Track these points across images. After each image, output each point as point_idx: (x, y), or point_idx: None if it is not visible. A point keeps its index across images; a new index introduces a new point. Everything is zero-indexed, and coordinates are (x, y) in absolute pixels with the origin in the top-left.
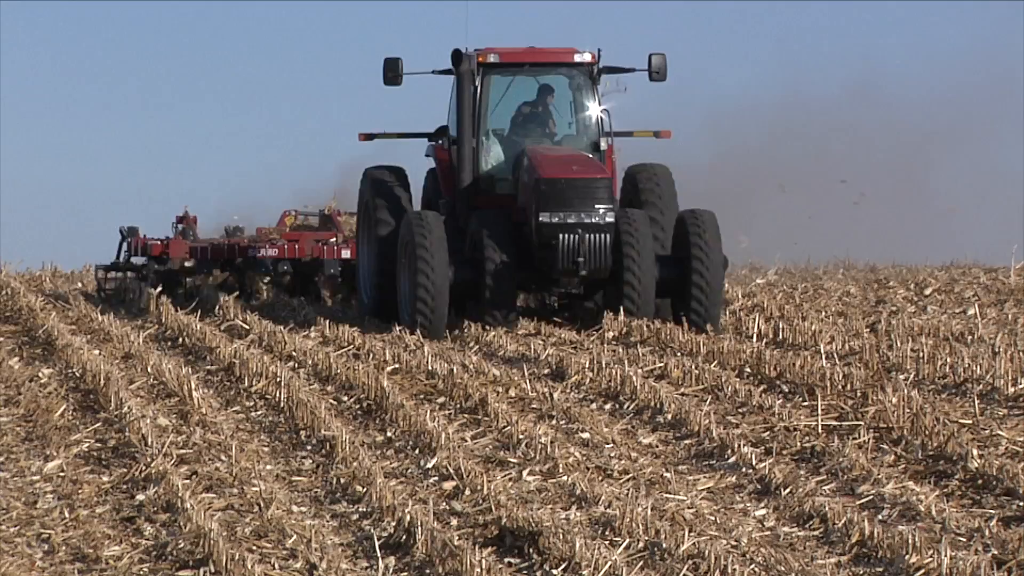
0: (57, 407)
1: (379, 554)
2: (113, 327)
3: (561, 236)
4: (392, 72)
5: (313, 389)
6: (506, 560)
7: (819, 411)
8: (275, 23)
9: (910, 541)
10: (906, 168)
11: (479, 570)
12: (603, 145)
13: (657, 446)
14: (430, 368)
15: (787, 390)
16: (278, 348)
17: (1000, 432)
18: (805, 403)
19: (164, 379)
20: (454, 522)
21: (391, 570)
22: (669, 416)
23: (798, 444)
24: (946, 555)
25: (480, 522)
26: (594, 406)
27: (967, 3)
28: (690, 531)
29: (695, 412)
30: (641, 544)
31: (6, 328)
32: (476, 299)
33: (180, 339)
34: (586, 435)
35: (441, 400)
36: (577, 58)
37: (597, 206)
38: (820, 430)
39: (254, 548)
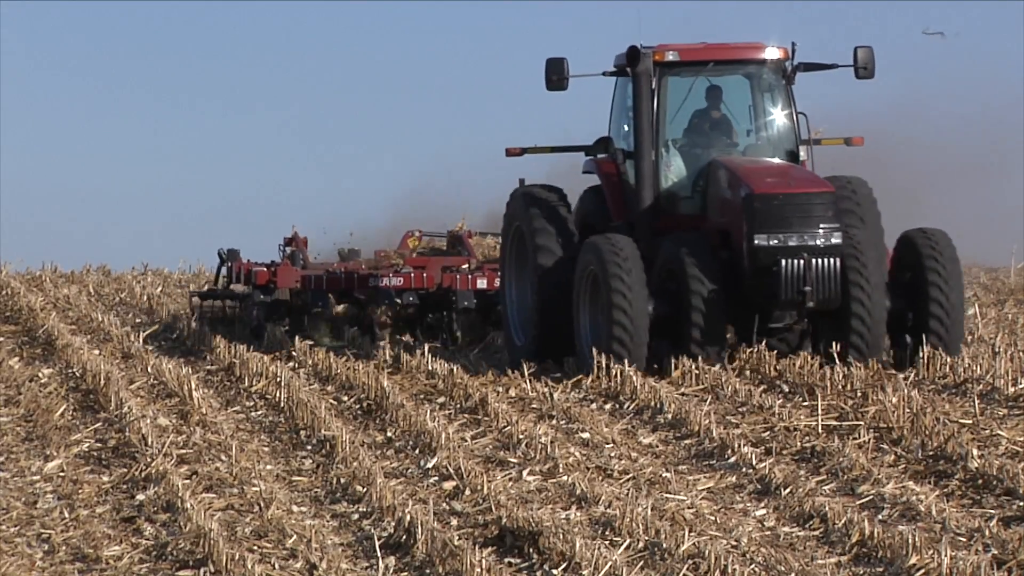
0: (57, 407)
1: (379, 554)
2: (113, 327)
3: (783, 261)
4: (556, 75)
5: (313, 389)
6: (506, 560)
7: (819, 411)
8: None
9: (910, 541)
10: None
11: (479, 570)
12: (803, 154)
13: (657, 446)
14: (430, 368)
15: (787, 390)
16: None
17: (1000, 432)
18: (805, 403)
19: (164, 379)
20: (454, 522)
21: (391, 570)
22: (669, 416)
23: (798, 444)
24: (946, 555)
25: (480, 522)
26: (594, 406)
27: (972, 3)
28: (690, 531)
29: (695, 412)
30: (641, 544)
31: (6, 328)
32: (675, 335)
33: (180, 339)
34: (586, 435)
35: (441, 400)
36: (768, 54)
37: (821, 226)
38: (820, 430)
39: (254, 548)
